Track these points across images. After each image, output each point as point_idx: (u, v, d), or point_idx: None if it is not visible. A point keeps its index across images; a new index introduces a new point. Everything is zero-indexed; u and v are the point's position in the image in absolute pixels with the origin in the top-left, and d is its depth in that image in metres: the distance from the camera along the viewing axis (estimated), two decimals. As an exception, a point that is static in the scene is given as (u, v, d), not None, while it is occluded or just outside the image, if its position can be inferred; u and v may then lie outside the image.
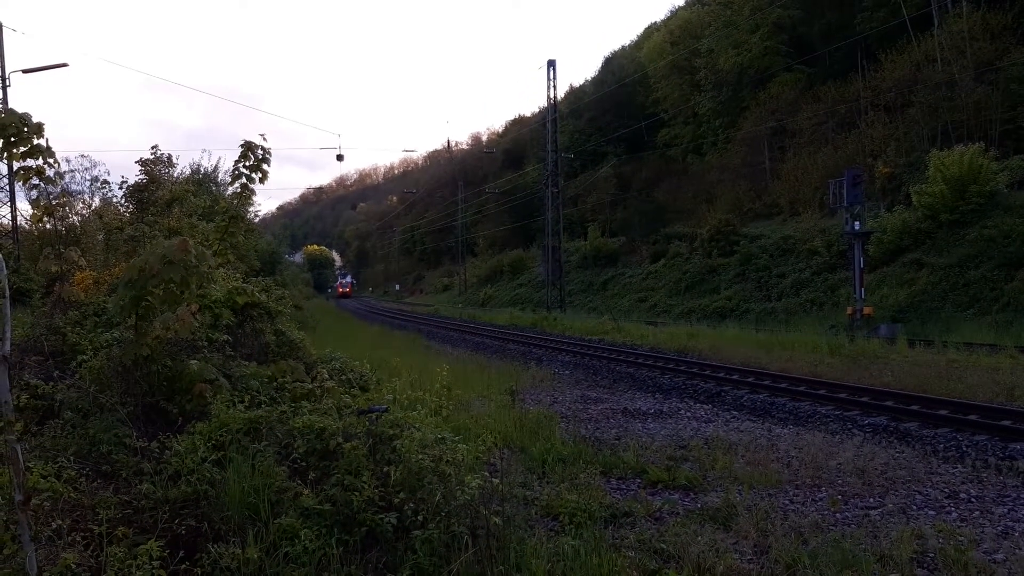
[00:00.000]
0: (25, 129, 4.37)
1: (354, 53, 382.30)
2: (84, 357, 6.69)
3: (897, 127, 38.59)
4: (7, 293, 3.36)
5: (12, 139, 4.41)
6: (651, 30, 73.81)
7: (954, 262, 27.23)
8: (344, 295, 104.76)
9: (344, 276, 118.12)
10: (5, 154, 4.50)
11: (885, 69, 40.59)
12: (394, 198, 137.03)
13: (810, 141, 44.62)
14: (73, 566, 3.52)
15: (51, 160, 4.76)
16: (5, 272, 3.40)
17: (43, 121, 4.50)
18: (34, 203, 24.20)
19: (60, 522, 3.92)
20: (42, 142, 4.58)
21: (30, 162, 4.70)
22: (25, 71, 25.43)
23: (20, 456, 3.33)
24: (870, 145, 39.28)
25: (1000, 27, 35.30)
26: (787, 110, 46.89)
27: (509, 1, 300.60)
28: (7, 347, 3.35)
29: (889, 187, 35.72)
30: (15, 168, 4.74)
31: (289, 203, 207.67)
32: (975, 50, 35.24)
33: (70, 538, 3.87)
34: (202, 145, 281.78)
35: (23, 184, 5.33)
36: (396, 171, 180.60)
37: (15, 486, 3.31)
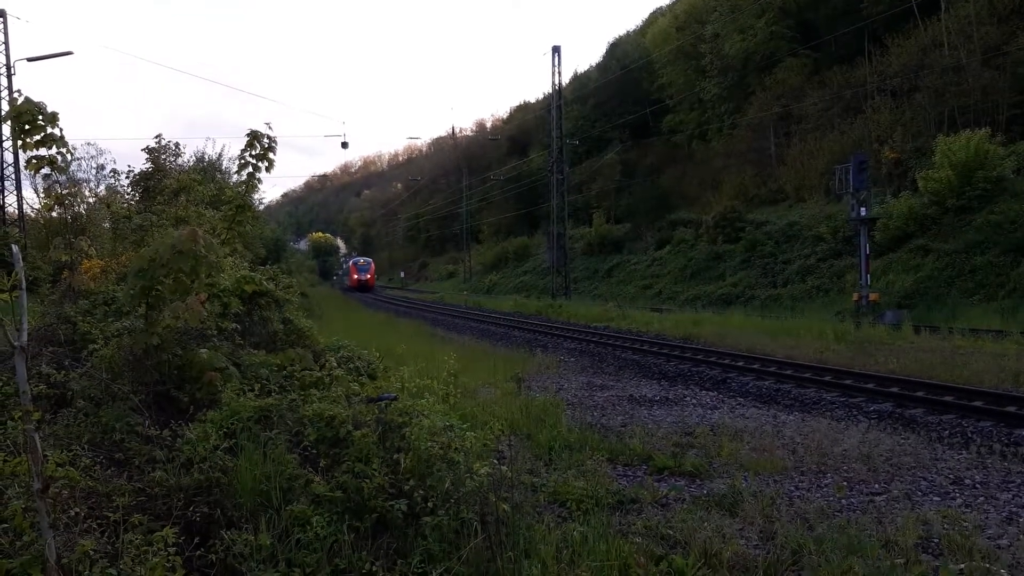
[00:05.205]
0: (40, 118, 4.38)
1: (358, 41, 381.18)
2: (95, 346, 6.73)
3: (903, 112, 38.34)
4: (23, 284, 3.40)
5: (27, 127, 4.42)
6: (656, 15, 73.37)
7: (960, 248, 27.16)
8: (362, 286, 74.25)
9: (354, 258, 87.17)
10: (19, 142, 4.52)
11: (891, 54, 40.30)
12: (399, 185, 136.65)
13: (816, 126, 44.39)
14: (91, 552, 3.57)
15: (64, 149, 4.77)
16: (22, 264, 3.44)
17: (57, 110, 4.52)
18: (45, 192, 24.31)
19: (77, 509, 3.96)
20: (56, 131, 4.60)
21: (43, 151, 4.71)
22: (30, 59, 25.52)
23: (38, 444, 3.38)
24: (876, 130, 39.06)
25: (1007, 11, 35.04)
26: (793, 95, 46.61)
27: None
28: (24, 337, 3.39)
29: (895, 173, 35.57)
30: (28, 156, 4.74)
31: (293, 190, 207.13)
32: (982, 34, 34.99)
33: (87, 525, 3.91)
34: (203, 133, 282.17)
35: (33, 173, 5.35)
36: (400, 158, 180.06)
37: (34, 474, 3.36)
